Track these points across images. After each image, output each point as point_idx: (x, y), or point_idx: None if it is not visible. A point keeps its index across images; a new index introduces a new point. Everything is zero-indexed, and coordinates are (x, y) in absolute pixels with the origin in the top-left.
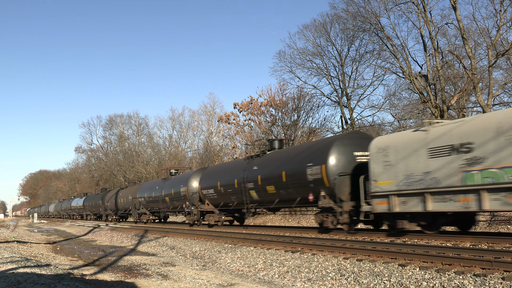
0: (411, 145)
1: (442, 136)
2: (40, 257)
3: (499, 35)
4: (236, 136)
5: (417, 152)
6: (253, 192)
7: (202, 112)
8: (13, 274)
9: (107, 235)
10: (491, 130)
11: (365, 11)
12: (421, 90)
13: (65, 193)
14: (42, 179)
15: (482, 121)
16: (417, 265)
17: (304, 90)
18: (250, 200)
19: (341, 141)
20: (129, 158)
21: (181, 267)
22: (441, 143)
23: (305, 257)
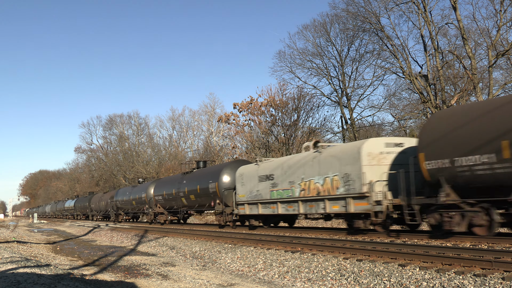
0: (251, 173)
1: (263, 169)
2: (40, 257)
3: (499, 35)
4: (236, 136)
5: (253, 178)
6: (183, 199)
7: (203, 112)
8: (13, 274)
9: (107, 235)
10: (280, 167)
11: (365, 11)
12: (421, 90)
13: (65, 193)
14: (42, 179)
15: (277, 161)
16: (417, 265)
17: (304, 90)
18: (182, 205)
19: (229, 166)
20: (129, 158)
21: (181, 267)
22: (262, 173)
23: (305, 257)
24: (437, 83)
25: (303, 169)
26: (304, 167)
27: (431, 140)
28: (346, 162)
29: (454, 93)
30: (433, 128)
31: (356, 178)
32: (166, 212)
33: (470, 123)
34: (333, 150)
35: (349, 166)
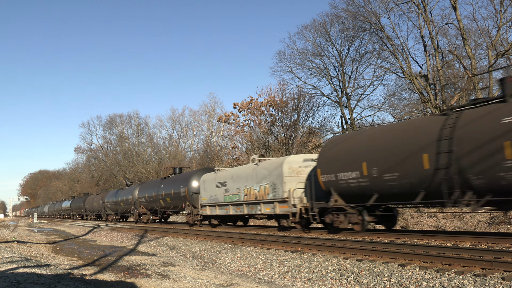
0: (211, 180)
1: (219, 177)
2: (40, 257)
3: (499, 35)
4: (236, 136)
5: (212, 184)
6: (161, 201)
7: (203, 112)
8: (13, 274)
9: (107, 235)
10: (231, 176)
11: (365, 11)
12: (421, 90)
13: (65, 193)
14: (42, 179)
15: (230, 171)
16: (417, 265)
17: (304, 90)
18: (161, 206)
19: (198, 173)
20: (129, 158)
21: (181, 267)
22: (219, 181)
23: (305, 257)
24: (437, 83)
25: (246, 178)
26: (247, 176)
27: (324, 159)
28: (273, 173)
29: (454, 93)
30: (326, 150)
31: (280, 186)
32: (149, 213)
33: (346, 148)
34: (266, 163)
35: (275, 177)
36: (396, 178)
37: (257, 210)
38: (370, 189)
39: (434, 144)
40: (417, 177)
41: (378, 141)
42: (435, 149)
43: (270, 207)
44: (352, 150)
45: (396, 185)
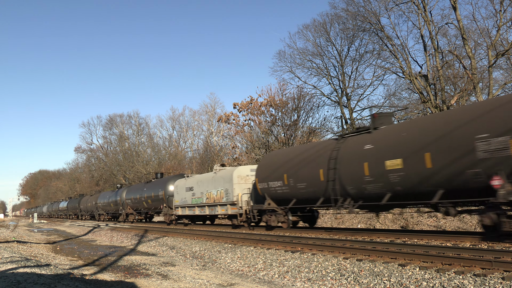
0: (182, 185)
1: (188, 182)
2: (40, 257)
3: (499, 35)
4: (236, 136)
5: (183, 188)
6: (144, 202)
7: (203, 112)
8: (13, 274)
9: (107, 235)
10: (197, 182)
11: (365, 11)
12: (421, 90)
13: (65, 193)
14: (42, 179)
15: (196, 177)
16: (417, 265)
17: (304, 90)
18: (144, 207)
19: (174, 178)
20: (129, 158)
21: (181, 267)
22: (188, 186)
23: (305, 257)
24: (437, 83)
25: (207, 184)
26: (208, 183)
27: (260, 171)
28: (226, 181)
29: (454, 93)
30: (262, 163)
31: (230, 191)
32: (135, 213)
33: (274, 162)
34: (222, 172)
35: (227, 183)
36: (305, 187)
37: (215, 211)
38: (290, 195)
39: (327, 162)
40: (317, 186)
41: (294, 157)
42: (327, 166)
43: (224, 208)
44: (278, 164)
45: (305, 192)
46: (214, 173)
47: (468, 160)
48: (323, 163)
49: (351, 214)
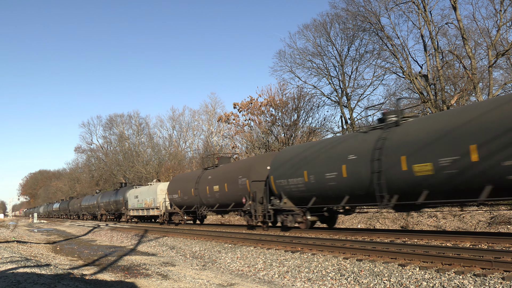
0: (132, 193)
1: (136, 192)
2: (40, 257)
3: (499, 35)
4: (236, 136)
5: (134, 195)
6: (112, 205)
7: (203, 112)
8: (13, 274)
9: (107, 235)
10: (140, 191)
11: (365, 11)
12: (421, 90)
13: (65, 193)
14: (42, 179)
15: (142, 188)
16: (417, 265)
17: (304, 90)
18: (111, 209)
19: (130, 187)
20: (129, 158)
21: (181, 267)
22: (135, 194)
23: (305, 257)
24: (437, 83)
25: (145, 194)
26: (145, 193)
27: (170, 186)
28: (153, 192)
29: (454, 93)
30: (171, 181)
31: (156, 199)
32: (107, 213)
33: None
34: (152, 186)
35: (154, 194)
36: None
37: (149, 212)
38: (196, 201)
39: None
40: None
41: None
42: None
43: (153, 211)
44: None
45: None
46: (150, 185)
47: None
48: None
49: (351, 215)
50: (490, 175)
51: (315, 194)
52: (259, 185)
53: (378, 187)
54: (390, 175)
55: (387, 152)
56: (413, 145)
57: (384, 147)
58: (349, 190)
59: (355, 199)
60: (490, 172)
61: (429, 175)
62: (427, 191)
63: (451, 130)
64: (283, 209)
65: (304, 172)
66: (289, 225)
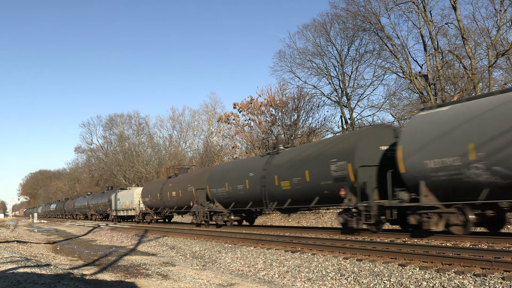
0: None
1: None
2: (40, 257)
3: (499, 35)
4: (236, 136)
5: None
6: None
7: (203, 112)
8: (13, 274)
9: (107, 235)
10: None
11: (365, 11)
12: (421, 90)
13: (65, 193)
14: (42, 179)
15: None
16: (417, 265)
17: (304, 90)
18: (100, 210)
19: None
20: (129, 158)
21: (181, 267)
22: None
23: (305, 257)
24: (437, 83)
25: (125, 197)
26: (125, 196)
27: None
28: (130, 196)
29: (454, 93)
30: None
31: (133, 202)
32: (96, 214)
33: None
34: (132, 190)
35: (131, 197)
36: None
37: (128, 213)
38: (161, 204)
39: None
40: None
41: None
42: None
43: (131, 212)
44: (153, 188)
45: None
46: (128, 190)
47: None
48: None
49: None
50: (319, 190)
51: (233, 200)
52: (202, 192)
53: (264, 196)
54: (270, 188)
55: (268, 172)
56: (281, 168)
57: (267, 168)
58: (251, 198)
59: (255, 204)
60: (318, 188)
61: (289, 189)
62: (290, 199)
63: (296, 159)
64: (215, 211)
65: (226, 183)
66: (219, 223)
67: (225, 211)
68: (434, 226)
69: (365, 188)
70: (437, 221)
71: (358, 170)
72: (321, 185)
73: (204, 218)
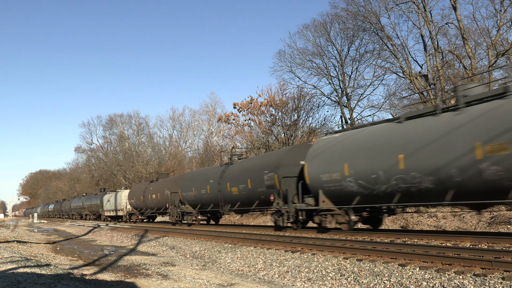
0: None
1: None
2: (40, 257)
3: (499, 35)
4: (236, 136)
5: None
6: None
7: (203, 112)
8: (13, 274)
9: (107, 235)
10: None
11: (365, 11)
12: (421, 90)
13: (65, 193)
14: (42, 179)
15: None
16: (417, 265)
17: (304, 90)
18: (93, 210)
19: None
20: (129, 158)
21: (181, 267)
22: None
23: (305, 257)
24: (437, 83)
25: (115, 198)
26: (115, 197)
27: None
28: (119, 197)
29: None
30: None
31: (121, 203)
32: (91, 214)
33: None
34: (120, 192)
35: (119, 199)
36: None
37: (117, 213)
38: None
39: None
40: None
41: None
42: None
43: (119, 212)
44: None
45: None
46: (117, 192)
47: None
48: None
49: None
50: (257, 196)
51: (199, 202)
52: (176, 196)
53: (220, 200)
54: (224, 193)
55: (223, 179)
56: (232, 176)
57: (222, 176)
58: (211, 201)
59: (214, 206)
60: (257, 194)
61: (237, 194)
62: (239, 202)
63: (243, 169)
64: (186, 211)
65: (192, 188)
66: (189, 222)
67: (193, 212)
68: (329, 224)
69: (287, 194)
70: (331, 220)
71: (281, 180)
72: (259, 191)
73: (177, 218)
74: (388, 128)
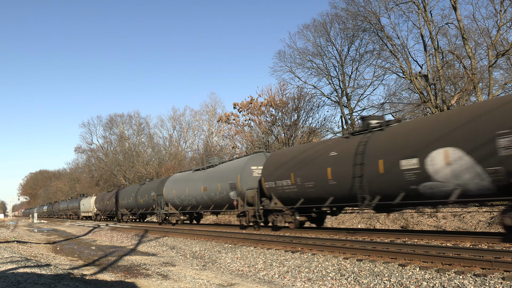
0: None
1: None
2: (40, 257)
3: (499, 35)
4: (236, 136)
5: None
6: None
7: (203, 112)
8: (13, 274)
9: (107, 235)
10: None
11: (365, 11)
12: (421, 90)
13: (65, 193)
14: (42, 179)
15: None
16: (417, 265)
17: (304, 90)
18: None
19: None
20: (129, 158)
21: (181, 267)
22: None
23: (305, 257)
24: (437, 83)
25: (87, 202)
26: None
27: (97, 199)
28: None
29: (454, 93)
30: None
31: (90, 206)
32: (73, 214)
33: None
34: (89, 198)
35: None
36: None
37: (88, 214)
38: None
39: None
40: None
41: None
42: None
43: (89, 213)
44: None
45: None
46: (89, 197)
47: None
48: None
49: (351, 214)
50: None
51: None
52: (161, 198)
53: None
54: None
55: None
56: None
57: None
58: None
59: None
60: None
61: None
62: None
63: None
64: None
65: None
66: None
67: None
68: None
69: (160, 204)
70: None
71: (157, 196)
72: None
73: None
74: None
